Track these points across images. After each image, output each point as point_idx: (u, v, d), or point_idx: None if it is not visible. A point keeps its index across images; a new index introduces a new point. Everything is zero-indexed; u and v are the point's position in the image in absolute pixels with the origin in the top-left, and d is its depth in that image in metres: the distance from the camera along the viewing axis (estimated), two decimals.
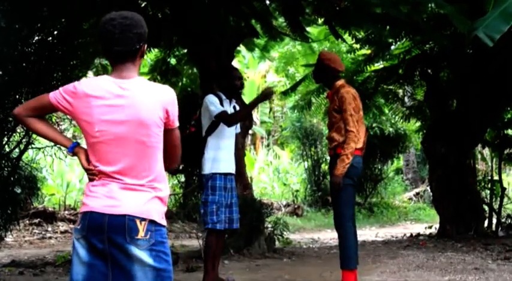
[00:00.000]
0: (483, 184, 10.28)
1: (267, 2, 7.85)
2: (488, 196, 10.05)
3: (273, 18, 8.24)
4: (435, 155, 9.20)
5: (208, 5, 6.51)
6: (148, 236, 2.14)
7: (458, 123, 8.81)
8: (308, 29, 8.61)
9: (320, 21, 8.27)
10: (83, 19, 5.98)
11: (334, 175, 4.58)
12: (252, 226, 6.82)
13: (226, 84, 4.95)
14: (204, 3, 6.47)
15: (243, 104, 6.55)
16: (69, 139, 2.35)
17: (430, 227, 10.28)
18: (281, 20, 8.44)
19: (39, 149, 6.20)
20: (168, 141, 2.27)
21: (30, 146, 5.94)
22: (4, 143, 5.60)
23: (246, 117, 5.05)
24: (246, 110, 5.22)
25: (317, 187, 14.57)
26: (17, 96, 5.50)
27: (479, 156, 12.23)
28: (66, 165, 12.39)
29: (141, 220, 2.14)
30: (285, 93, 11.08)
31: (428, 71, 9.65)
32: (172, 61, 9.50)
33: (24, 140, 5.73)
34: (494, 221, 9.54)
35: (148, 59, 9.81)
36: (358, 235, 4.78)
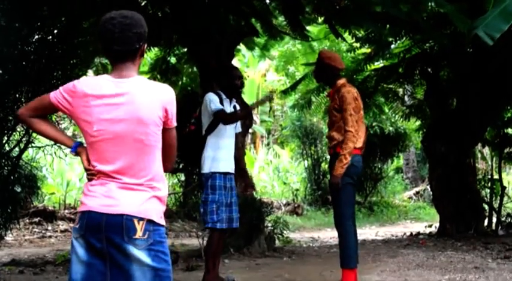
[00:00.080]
0: (483, 183, 10.29)
1: (267, 1, 7.85)
2: (488, 195, 10.05)
3: (273, 17, 8.23)
4: (435, 154, 9.20)
5: (208, 4, 6.51)
6: (146, 236, 2.14)
7: (458, 122, 8.81)
8: (308, 27, 8.61)
9: (320, 20, 8.26)
10: (83, 18, 5.97)
11: (332, 175, 4.60)
12: (252, 225, 6.82)
13: (226, 83, 4.96)
14: (204, 3, 6.47)
15: (243, 104, 6.55)
16: (71, 139, 2.35)
17: (430, 226, 10.27)
18: (281, 19, 8.44)
19: (39, 148, 6.19)
20: (164, 141, 2.25)
21: (30, 145, 5.93)
22: (4, 142, 5.59)
23: (244, 118, 5.04)
24: (244, 111, 5.20)
25: (317, 186, 14.56)
26: (17, 95, 5.49)
27: (479, 155, 12.23)
28: (66, 164, 12.38)
29: (139, 219, 2.14)
30: (285, 92, 11.09)
31: (429, 70, 9.64)
32: (172, 60, 9.50)
33: (24, 139, 5.72)
34: (494, 220, 9.54)
35: (148, 58, 9.81)
36: (358, 234, 4.78)
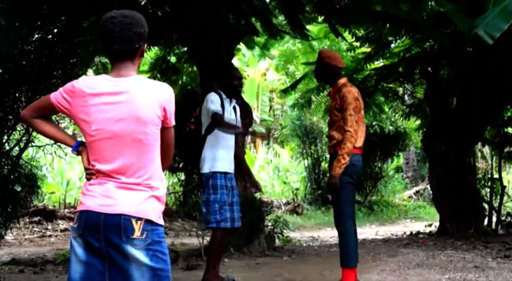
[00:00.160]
0: (483, 182, 10.29)
1: (267, 0, 7.85)
2: (488, 194, 10.05)
3: (273, 16, 8.23)
4: (435, 153, 9.19)
5: (208, 3, 6.50)
6: (144, 236, 2.13)
7: (458, 122, 8.81)
8: (308, 27, 8.61)
9: (320, 19, 8.26)
10: (83, 17, 5.97)
11: (330, 174, 4.61)
12: (252, 224, 6.82)
13: (226, 83, 4.95)
14: (204, 2, 6.46)
15: (244, 103, 6.55)
16: (73, 138, 2.34)
17: (430, 225, 10.27)
18: (281, 18, 8.44)
19: (39, 147, 6.18)
20: (162, 140, 2.24)
21: (30, 144, 5.93)
22: (4, 141, 5.59)
23: (230, 128, 4.93)
24: (230, 124, 4.93)
25: (317, 185, 14.56)
26: (16, 94, 5.49)
27: (479, 154, 12.24)
28: (66, 163, 12.38)
29: (137, 219, 2.13)
30: (285, 92, 11.10)
31: (428, 69, 9.64)
32: (172, 59, 9.49)
33: (24, 138, 5.72)
34: (494, 219, 9.54)
35: (148, 57, 9.81)
36: (358, 233, 4.78)
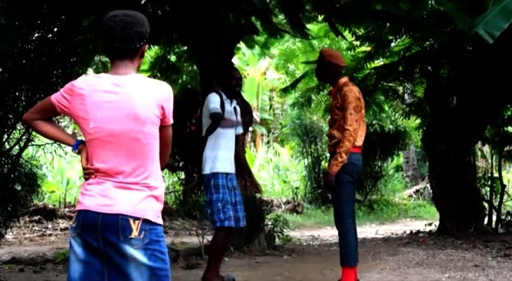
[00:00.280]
0: (483, 181, 10.29)
1: None
2: (488, 193, 10.05)
3: (273, 15, 8.22)
4: (435, 152, 9.19)
5: (208, 2, 6.50)
6: (142, 236, 2.12)
7: (458, 121, 8.80)
8: (308, 26, 8.60)
9: (320, 18, 8.25)
10: (83, 16, 5.97)
11: (327, 172, 4.64)
12: (252, 223, 6.81)
13: (225, 83, 4.96)
14: (204, 1, 6.46)
15: (244, 103, 6.55)
16: (73, 137, 2.34)
17: (430, 225, 10.27)
18: (281, 17, 8.43)
19: (39, 146, 6.19)
20: (161, 138, 2.23)
21: (30, 143, 5.93)
22: (4, 140, 5.59)
23: (228, 124, 4.93)
24: (229, 121, 4.91)
25: (317, 184, 14.55)
26: (16, 93, 5.49)
27: (479, 153, 12.23)
28: (66, 162, 12.38)
29: (135, 219, 2.12)
30: (285, 91, 11.09)
31: (429, 68, 9.64)
32: (172, 58, 9.48)
33: (24, 137, 5.72)
34: (494, 218, 9.55)
35: (148, 56, 9.79)
36: (358, 232, 4.79)
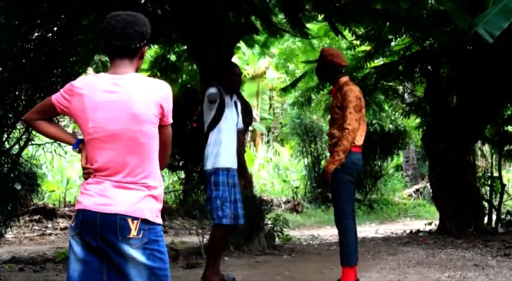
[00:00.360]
0: (483, 181, 10.29)
1: None
2: (488, 193, 10.05)
3: (272, 14, 8.22)
4: (435, 151, 9.19)
5: (208, 2, 6.50)
6: (141, 235, 2.12)
7: (458, 120, 8.80)
8: (308, 25, 8.59)
9: (320, 17, 8.25)
10: (82, 15, 5.97)
11: (323, 170, 4.66)
12: (252, 222, 6.81)
13: (225, 80, 4.95)
14: (203, 1, 6.45)
15: (243, 101, 6.55)
16: (74, 137, 2.34)
17: (430, 224, 10.27)
18: (281, 17, 8.42)
19: (39, 145, 6.19)
20: (160, 138, 2.22)
21: (30, 143, 5.93)
22: (4, 139, 5.59)
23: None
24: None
25: (317, 184, 14.54)
26: (16, 92, 5.49)
27: (479, 152, 12.22)
28: (66, 161, 12.37)
29: (133, 219, 2.12)
30: (284, 90, 11.08)
31: (428, 67, 9.63)
32: (172, 57, 9.47)
33: (24, 137, 5.72)
34: (494, 217, 9.54)
35: (148, 55, 9.79)
36: (358, 231, 4.78)
